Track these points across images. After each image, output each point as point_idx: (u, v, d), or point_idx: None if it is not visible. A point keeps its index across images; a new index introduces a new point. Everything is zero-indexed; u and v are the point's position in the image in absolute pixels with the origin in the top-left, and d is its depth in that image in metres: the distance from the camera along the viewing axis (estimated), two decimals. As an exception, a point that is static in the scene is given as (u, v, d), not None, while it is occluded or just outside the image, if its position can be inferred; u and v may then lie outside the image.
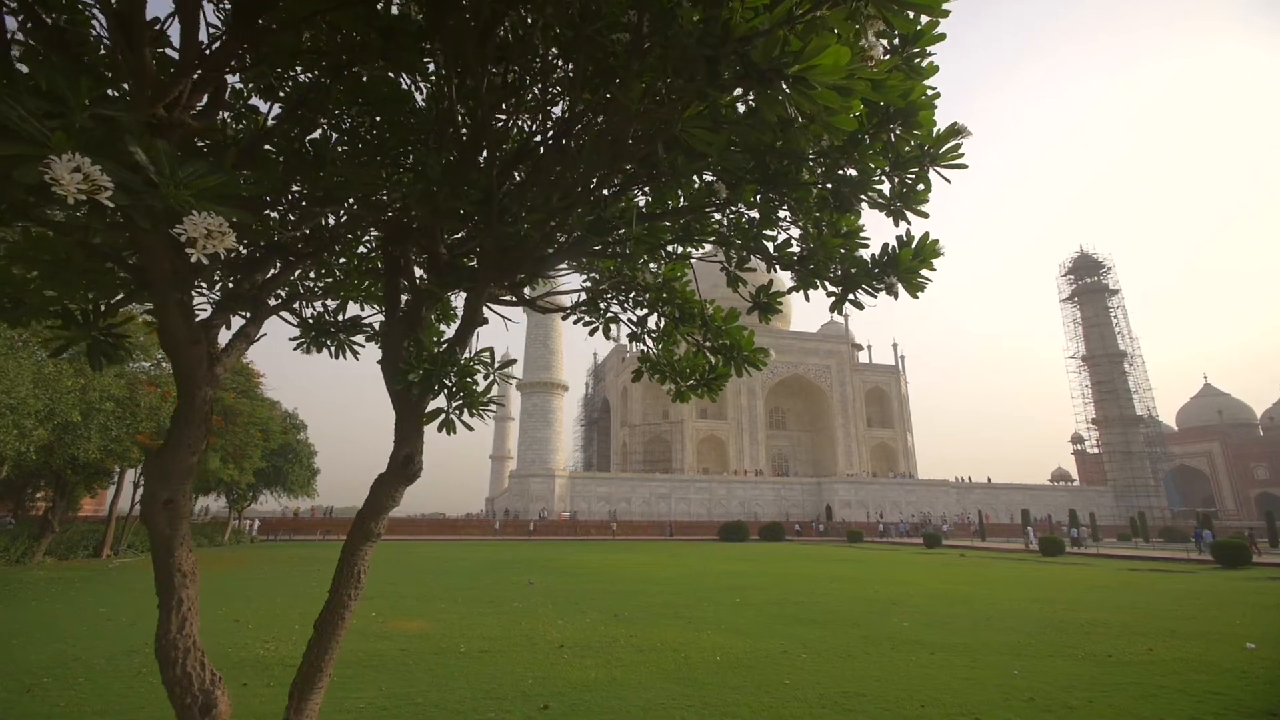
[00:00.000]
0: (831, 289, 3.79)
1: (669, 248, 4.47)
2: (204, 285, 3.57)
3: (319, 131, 3.79)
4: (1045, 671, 8.33)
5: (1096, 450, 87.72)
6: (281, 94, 3.57)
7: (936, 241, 3.65)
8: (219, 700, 2.67)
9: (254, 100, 3.64)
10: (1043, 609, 14.12)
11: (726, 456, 77.98)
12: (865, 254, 3.76)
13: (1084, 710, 6.69)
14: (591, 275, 4.66)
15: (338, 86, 3.54)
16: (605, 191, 3.11)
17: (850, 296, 3.66)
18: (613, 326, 4.77)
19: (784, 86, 1.85)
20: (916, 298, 3.80)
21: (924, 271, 3.75)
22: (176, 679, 2.62)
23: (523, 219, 2.79)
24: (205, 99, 3.09)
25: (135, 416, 20.83)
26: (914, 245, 3.63)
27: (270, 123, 3.50)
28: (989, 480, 78.02)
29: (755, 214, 3.88)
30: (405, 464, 3.35)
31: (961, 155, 3.41)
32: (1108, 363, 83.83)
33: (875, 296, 3.64)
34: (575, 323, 4.78)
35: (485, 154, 3.23)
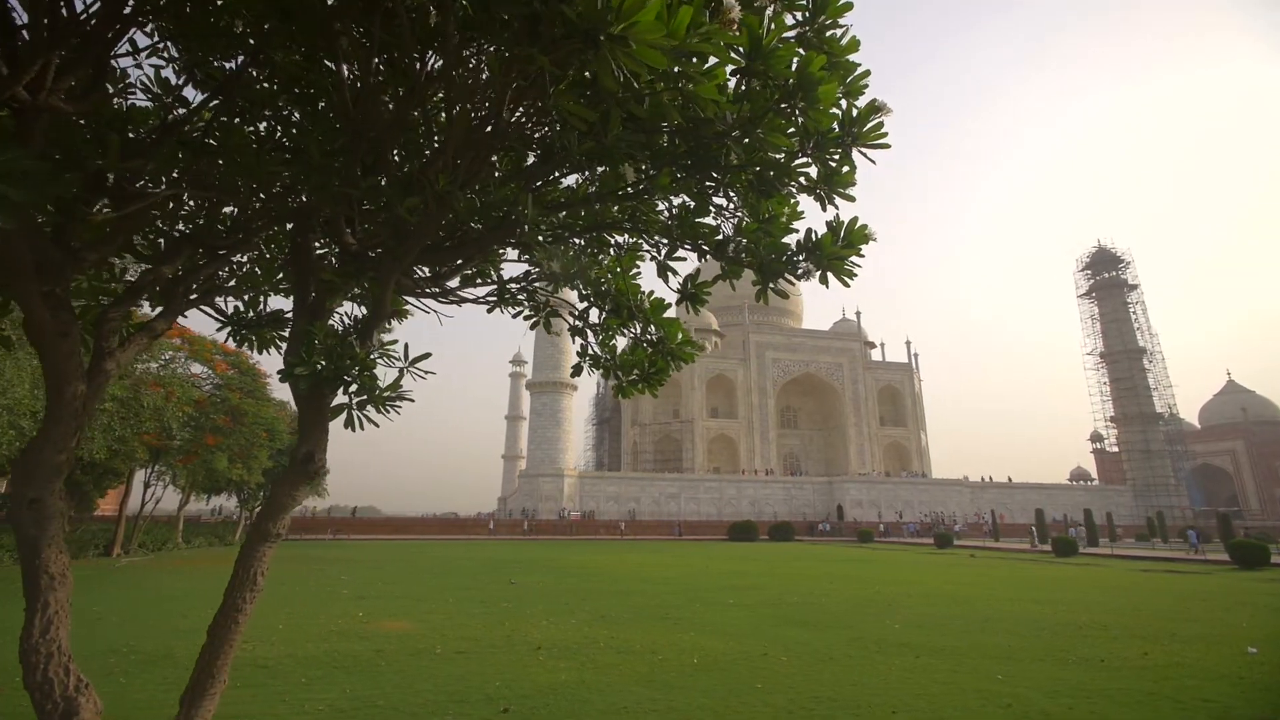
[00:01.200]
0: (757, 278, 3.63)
1: (619, 239, 4.33)
2: (87, 276, 3.48)
3: (263, 123, 3.69)
4: (1030, 676, 8.07)
5: (1116, 449, 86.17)
6: (209, 82, 3.47)
7: (865, 226, 3.49)
8: (82, 707, 2.56)
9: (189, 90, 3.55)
10: (1042, 611, 13.78)
11: (737, 455, 77.58)
12: (796, 240, 3.62)
13: (1062, 718, 6.45)
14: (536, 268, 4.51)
15: (257, 74, 3.43)
16: (492, 175, 2.97)
17: (772, 285, 3.50)
18: (554, 320, 4.64)
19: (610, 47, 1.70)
20: (847, 285, 3.64)
21: (853, 258, 3.59)
22: (37, 684, 2.52)
23: (404, 205, 2.65)
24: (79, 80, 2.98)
25: (139, 417, 21.02)
26: (840, 230, 3.48)
27: (197, 110, 3.39)
28: (1009, 480, 76.90)
29: (688, 201, 3.74)
30: (305, 462, 3.24)
31: (884, 135, 3.25)
32: (1126, 359, 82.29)
33: (795, 283, 3.48)
34: (515, 316, 4.65)
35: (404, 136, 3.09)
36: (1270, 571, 25.49)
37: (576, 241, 4.00)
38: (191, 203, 3.70)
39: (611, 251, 4.31)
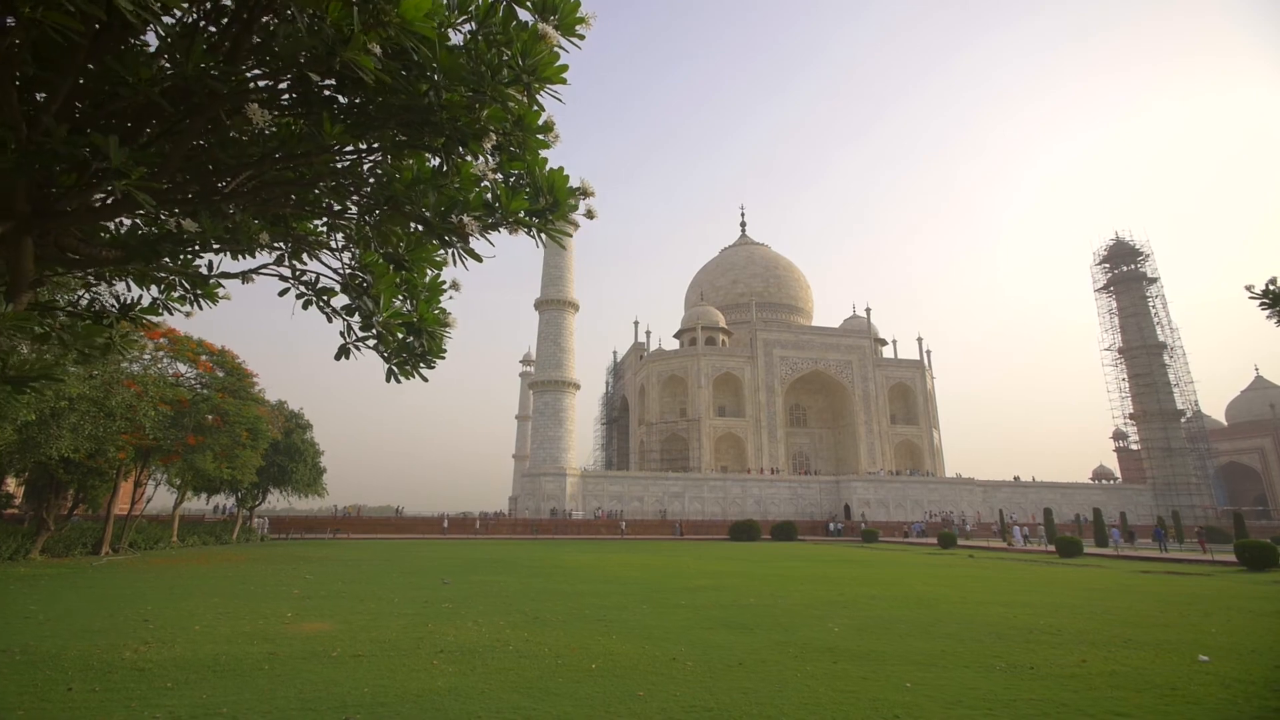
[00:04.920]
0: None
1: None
2: None
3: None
4: (943, 684, 7.54)
5: (1138, 447, 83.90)
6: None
7: (566, 177, 3.07)
8: None
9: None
10: (1005, 613, 13.14)
11: (745, 454, 76.79)
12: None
13: (948, 731, 5.93)
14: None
15: None
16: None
17: (460, 247, 3.08)
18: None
19: None
20: (563, 246, 3.24)
21: (565, 214, 3.17)
22: None
23: None
24: None
25: (111, 416, 21.05)
26: (541, 185, 3.07)
27: None
28: (1033, 479, 75.13)
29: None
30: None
31: (561, 70, 2.83)
32: (1145, 355, 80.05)
33: (483, 238, 3.07)
34: (281, 294, 4.27)
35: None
36: (1277, 574, 24.38)
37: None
38: None
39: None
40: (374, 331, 3.42)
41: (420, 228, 3.12)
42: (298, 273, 4.12)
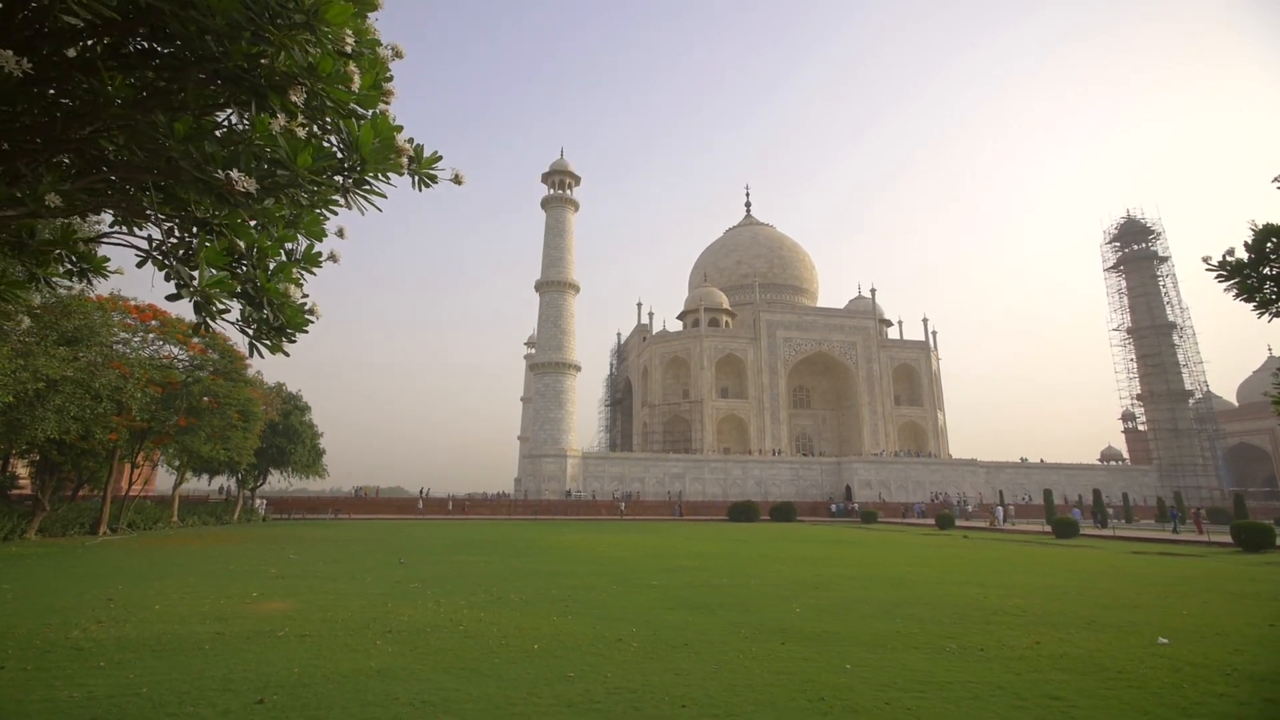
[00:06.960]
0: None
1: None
2: None
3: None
4: (884, 666, 7.41)
5: (1146, 428, 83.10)
6: None
7: (386, 131, 2.86)
8: None
9: None
10: (977, 594, 12.99)
11: (748, 436, 76.70)
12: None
13: (871, 713, 5.79)
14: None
15: None
16: None
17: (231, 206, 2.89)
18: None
19: None
20: (380, 209, 3.04)
21: (385, 174, 2.98)
22: None
23: None
24: None
25: (97, 398, 21.11)
26: (355, 140, 2.87)
27: None
28: (1040, 461, 74.76)
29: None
30: None
31: (347, 12, 2.61)
32: (1154, 335, 78.93)
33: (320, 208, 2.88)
34: (140, 265, 4.11)
35: None
36: (1273, 555, 24.09)
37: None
38: None
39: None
40: (193, 300, 3.25)
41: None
42: (155, 243, 3.94)
